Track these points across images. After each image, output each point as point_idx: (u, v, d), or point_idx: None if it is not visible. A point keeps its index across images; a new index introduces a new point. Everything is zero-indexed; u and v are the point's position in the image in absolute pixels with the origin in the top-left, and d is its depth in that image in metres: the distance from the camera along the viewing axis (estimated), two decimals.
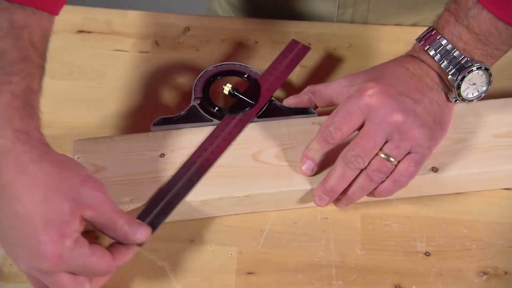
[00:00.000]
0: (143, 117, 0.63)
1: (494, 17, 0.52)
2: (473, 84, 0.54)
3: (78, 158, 0.57)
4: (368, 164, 0.53)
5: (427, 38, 0.55)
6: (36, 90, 0.48)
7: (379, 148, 0.53)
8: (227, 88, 0.61)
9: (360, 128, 0.54)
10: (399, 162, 0.53)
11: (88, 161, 0.57)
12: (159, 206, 0.54)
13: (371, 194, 0.55)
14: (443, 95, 0.55)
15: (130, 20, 0.71)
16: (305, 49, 0.64)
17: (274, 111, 0.61)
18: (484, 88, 0.55)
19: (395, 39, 0.70)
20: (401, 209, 0.58)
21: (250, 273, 0.55)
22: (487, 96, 0.56)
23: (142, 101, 0.65)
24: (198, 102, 0.61)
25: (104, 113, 0.64)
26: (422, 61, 0.55)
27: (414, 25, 0.73)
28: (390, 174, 0.53)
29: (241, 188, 0.56)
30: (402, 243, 0.57)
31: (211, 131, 0.59)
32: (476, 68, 0.53)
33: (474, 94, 0.55)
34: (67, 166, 0.46)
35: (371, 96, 0.53)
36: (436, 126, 0.54)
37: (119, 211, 0.47)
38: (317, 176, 0.56)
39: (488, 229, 0.57)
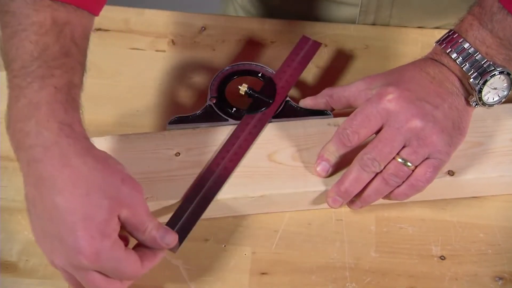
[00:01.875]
0: (159, 116, 0.63)
1: None
2: (494, 89, 0.54)
3: None
4: (384, 167, 0.53)
5: (449, 41, 0.54)
6: (77, 85, 0.48)
7: (396, 152, 0.53)
8: (243, 88, 0.61)
9: (377, 132, 0.54)
10: (416, 167, 0.53)
11: None
12: (186, 213, 0.53)
13: (386, 197, 0.55)
14: (463, 100, 0.55)
15: (147, 18, 0.71)
16: (316, 44, 0.64)
17: (290, 112, 0.60)
18: (505, 93, 0.55)
19: (413, 41, 0.69)
20: (416, 212, 0.58)
21: (263, 273, 0.55)
22: (506, 99, 0.56)
23: (158, 99, 0.65)
24: (214, 102, 0.61)
25: (120, 111, 0.64)
26: (443, 64, 0.55)
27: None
28: (407, 178, 0.53)
29: (256, 188, 0.56)
30: (417, 246, 0.56)
31: (231, 131, 0.59)
32: (499, 72, 0.53)
33: (495, 99, 0.55)
34: (108, 163, 0.46)
35: (391, 101, 0.53)
36: (455, 132, 0.54)
37: (150, 215, 0.47)
38: (332, 177, 0.56)
39: (504, 234, 0.57)
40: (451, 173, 0.56)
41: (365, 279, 0.55)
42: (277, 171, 0.57)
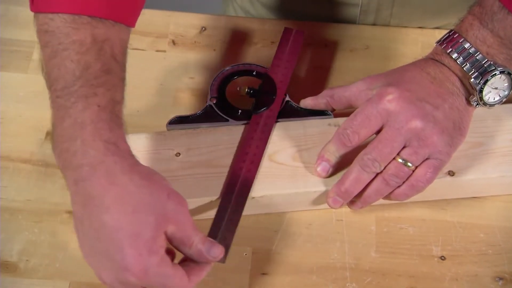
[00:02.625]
0: (159, 116, 0.63)
1: None
2: (494, 88, 0.54)
3: None
4: (385, 168, 0.53)
5: (449, 41, 0.54)
6: (119, 101, 0.48)
7: (396, 153, 0.53)
8: (244, 90, 0.61)
9: (378, 132, 0.54)
10: (416, 167, 0.53)
11: None
12: (224, 221, 0.53)
13: (387, 197, 0.55)
14: (464, 100, 0.54)
15: (147, 19, 0.71)
16: (300, 34, 0.65)
17: (290, 112, 0.60)
18: (506, 93, 0.55)
19: (413, 41, 0.69)
20: (416, 212, 0.58)
21: (264, 273, 0.55)
22: (507, 99, 0.56)
23: (158, 100, 0.65)
24: (214, 102, 0.61)
25: None
26: (443, 64, 0.55)
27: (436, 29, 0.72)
28: (407, 178, 0.53)
29: (256, 189, 0.56)
30: (417, 246, 0.57)
31: (241, 133, 0.58)
32: (499, 72, 0.53)
33: (496, 99, 0.55)
34: (154, 179, 0.46)
35: (391, 101, 0.53)
36: (455, 132, 0.54)
37: (196, 228, 0.47)
38: (332, 178, 0.56)
39: (504, 234, 0.57)
40: (451, 173, 0.56)
41: (365, 279, 0.55)
42: (277, 171, 0.57)
